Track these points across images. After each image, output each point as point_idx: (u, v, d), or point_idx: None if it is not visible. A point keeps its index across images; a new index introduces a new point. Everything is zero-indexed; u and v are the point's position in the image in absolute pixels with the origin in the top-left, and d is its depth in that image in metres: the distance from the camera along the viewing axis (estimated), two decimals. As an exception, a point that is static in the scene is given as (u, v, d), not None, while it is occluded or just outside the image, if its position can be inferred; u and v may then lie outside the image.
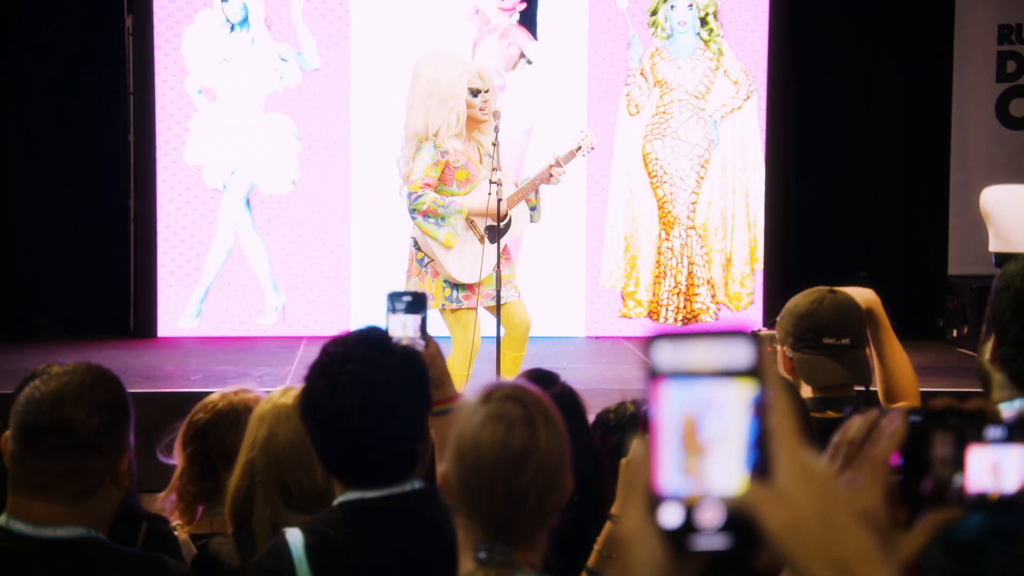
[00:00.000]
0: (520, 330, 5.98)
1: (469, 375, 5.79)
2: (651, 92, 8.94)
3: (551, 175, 5.93)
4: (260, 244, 8.87)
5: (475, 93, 5.82)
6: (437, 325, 5.76)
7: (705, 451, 0.93)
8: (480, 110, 5.82)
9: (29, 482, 2.08)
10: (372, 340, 2.23)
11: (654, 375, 0.94)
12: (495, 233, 5.86)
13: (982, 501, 1.22)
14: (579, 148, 6.08)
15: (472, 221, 5.91)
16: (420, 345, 2.40)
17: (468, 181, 5.88)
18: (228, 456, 2.84)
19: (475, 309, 5.91)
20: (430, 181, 5.81)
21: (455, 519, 1.91)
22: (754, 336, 0.94)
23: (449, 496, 1.92)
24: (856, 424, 1.30)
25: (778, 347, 3.16)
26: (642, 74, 8.92)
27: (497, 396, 1.92)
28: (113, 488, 2.12)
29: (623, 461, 2.07)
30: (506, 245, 6.00)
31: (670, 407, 0.93)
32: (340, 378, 2.17)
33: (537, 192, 6.05)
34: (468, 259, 5.89)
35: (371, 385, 2.17)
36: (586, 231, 9.00)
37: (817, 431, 2.50)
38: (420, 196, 5.79)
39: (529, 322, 6.02)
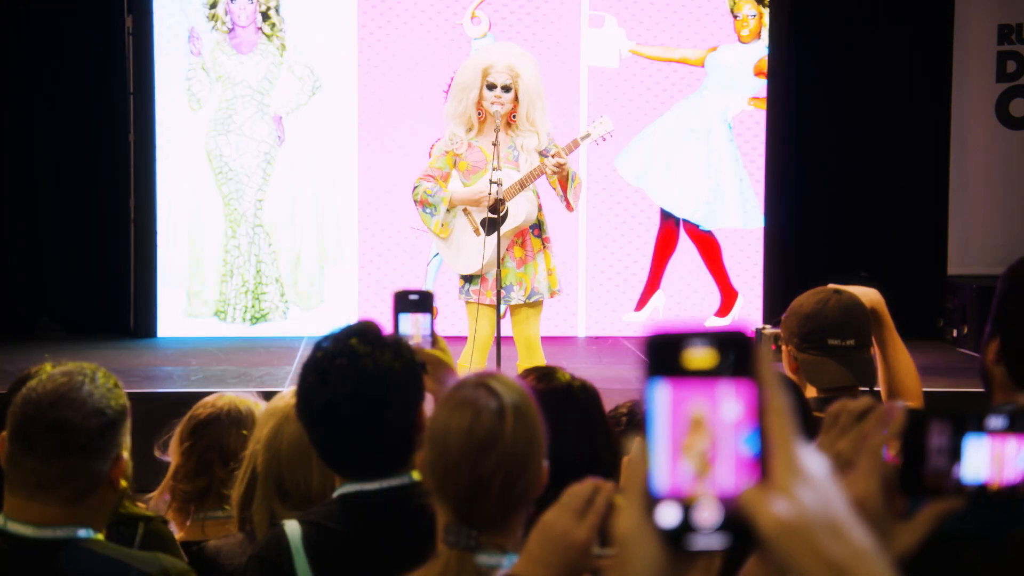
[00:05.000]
0: (518, 338, 5.88)
1: (472, 369, 5.78)
2: (213, 87, 8.80)
3: (547, 166, 5.78)
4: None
5: (490, 87, 5.80)
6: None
7: (707, 451, 0.92)
8: (491, 104, 5.78)
9: (26, 483, 2.08)
10: (361, 333, 2.25)
11: (651, 375, 0.94)
12: (491, 225, 5.83)
13: (982, 492, 1.21)
14: (587, 136, 6.01)
15: (468, 212, 5.89)
16: (429, 343, 2.42)
17: (471, 172, 5.87)
18: (224, 454, 2.85)
19: (486, 304, 5.85)
20: (432, 172, 5.89)
21: (433, 503, 1.95)
22: (752, 335, 0.94)
23: (424, 480, 1.96)
24: (860, 400, 1.31)
25: (783, 346, 3.16)
26: (203, 68, 8.78)
27: (470, 384, 1.95)
28: (110, 489, 2.12)
29: (625, 460, 2.07)
30: (522, 240, 5.89)
31: (667, 407, 0.93)
32: (331, 372, 2.20)
33: (561, 182, 5.85)
34: (464, 250, 5.88)
35: (361, 377, 2.20)
36: (586, 231, 9.01)
37: (820, 431, 2.49)
38: (416, 187, 5.92)
39: (528, 333, 5.86)
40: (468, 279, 5.89)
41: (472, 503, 1.89)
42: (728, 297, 9.08)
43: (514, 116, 5.85)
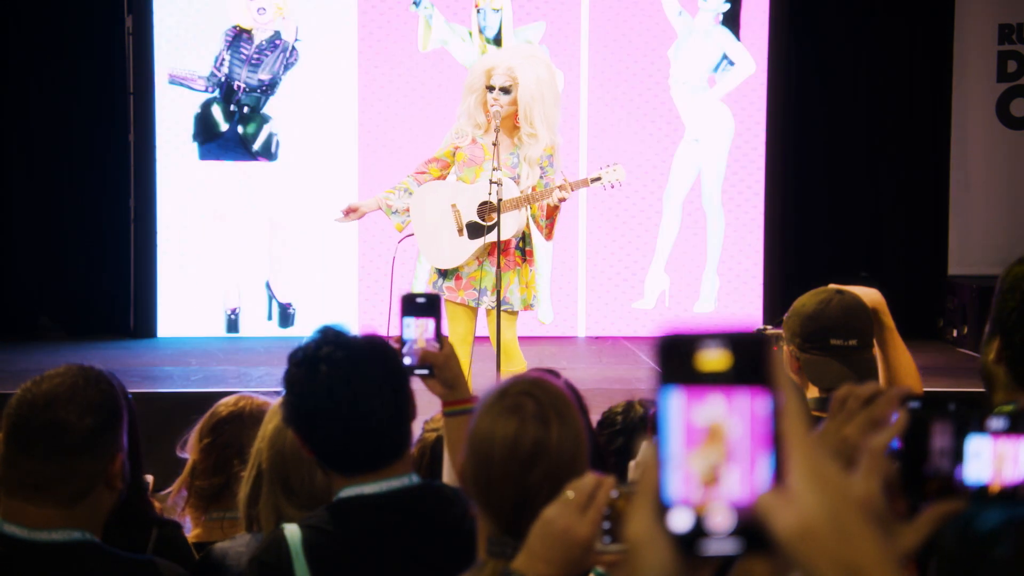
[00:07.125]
0: (494, 342, 5.78)
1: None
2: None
3: (552, 195, 5.75)
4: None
5: (490, 89, 5.82)
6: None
7: (721, 455, 0.92)
8: (491, 105, 5.80)
9: (22, 485, 2.07)
10: (330, 338, 2.26)
11: (663, 379, 0.93)
12: (477, 230, 5.81)
13: (983, 493, 1.21)
14: (597, 179, 6.01)
15: (458, 209, 5.88)
16: (435, 347, 2.41)
17: (466, 165, 5.87)
18: (243, 454, 2.85)
19: (459, 303, 5.83)
20: (429, 157, 5.97)
21: (474, 511, 1.92)
22: (764, 338, 0.94)
23: (466, 489, 1.93)
24: (867, 385, 1.30)
25: (784, 346, 3.16)
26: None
27: (513, 391, 1.92)
28: (107, 490, 2.11)
29: (632, 463, 2.06)
30: (506, 248, 5.87)
31: (680, 410, 0.93)
32: (307, 377, 2.22)
33: (550, 211, 5.83)
34: (442, 244, 5.88)
35: (342, 375, 2.21)
36: (586, 231, 9.01)
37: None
38: (417, 173, 6.01)
39: (504, 338, 5.73)
40: (442, 274, 5.89)
41: (518, 515, 1.84)
42: None
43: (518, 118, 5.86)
